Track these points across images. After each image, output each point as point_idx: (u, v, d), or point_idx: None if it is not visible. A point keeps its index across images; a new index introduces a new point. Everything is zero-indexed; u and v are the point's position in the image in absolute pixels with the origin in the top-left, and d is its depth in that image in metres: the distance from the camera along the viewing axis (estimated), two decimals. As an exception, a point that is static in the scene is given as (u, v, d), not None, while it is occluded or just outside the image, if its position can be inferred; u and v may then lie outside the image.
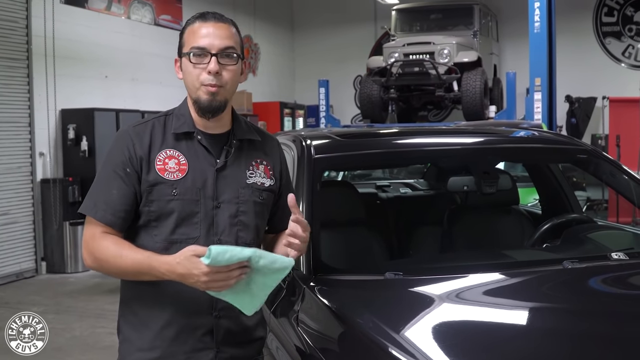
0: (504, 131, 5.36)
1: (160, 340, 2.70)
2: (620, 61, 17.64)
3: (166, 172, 2.67)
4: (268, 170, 2.86)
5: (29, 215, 11.15)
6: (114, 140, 2.77)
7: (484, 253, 4.15)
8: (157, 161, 2.68)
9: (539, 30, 11.48)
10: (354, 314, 2.97)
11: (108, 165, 2.73)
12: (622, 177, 4.36)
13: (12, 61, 10.79)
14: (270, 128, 16.20)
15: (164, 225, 2.68)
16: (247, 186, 2.77)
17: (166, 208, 2.67)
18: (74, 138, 11.46)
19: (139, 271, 2.57)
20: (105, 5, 12.98)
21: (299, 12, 21.06)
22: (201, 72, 2.66)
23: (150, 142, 2.71)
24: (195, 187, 2.69)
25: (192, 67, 2.67)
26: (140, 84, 13.60)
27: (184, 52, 2.70)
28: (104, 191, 2.69)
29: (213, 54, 2.65)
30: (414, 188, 6.83)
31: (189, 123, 2.75)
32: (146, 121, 2.79)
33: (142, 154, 2.68)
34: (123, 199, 2.66)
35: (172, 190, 2.66)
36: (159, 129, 2.75)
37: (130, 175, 2.67)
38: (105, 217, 2.65)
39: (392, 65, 14.88)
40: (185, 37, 2.72)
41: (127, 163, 2.67)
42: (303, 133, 4.40)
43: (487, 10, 16.90)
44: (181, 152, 2.72)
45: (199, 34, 2.68)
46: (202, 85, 2.66)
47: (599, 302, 3.17)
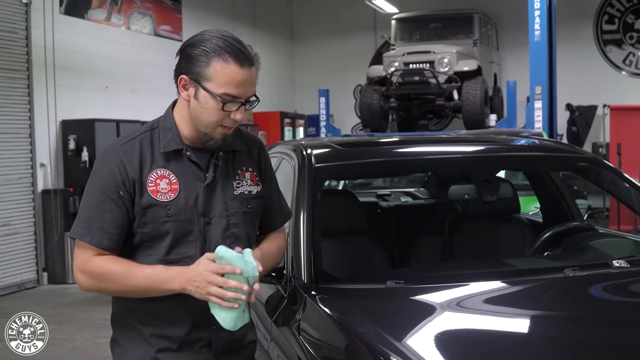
0: (505, 140, 5.36)
1: (160, 353, 2.71)
2: (621, 69, 17.64)
3: (159, 194, 2.65)
4: (254, 176, 2.85)
5: (30, 226, 11.14)
6: (101, 159, 2.73)
7: (485, 261, 4.15)
8: (149, 183, 2.65)
9: (539, 39, 11.49)
10: (355, 322, 2.97)
11: (96, 186, 2.68)
12: (623, 184, 4.35)
13: (12, 72, 10.79)
14: (270, 138, 16.24)
15: (159, 246, 2.67)
16: (235, 197, 2.77)
17: (161, 230, 2.65)
18: (74, 149, 11.44)
19: (149, 287, 2.57)
20: (105, 16, 12.99)
21: (299, 21, 21.07)
22: (226, 116, 2.60)
23: (140, 162, 2.66)
24: (188, 206, 2.67)
25: (218, 109, 2.59)
26: (140, 95, 13.59)
27: (212, 90, 2.57)
28: (96, 215, 2.65)
29: (243, 103, 2.61)
30: (415, 197, 6.83)
31: (177, 139, 2.71)
32: (132, 138, 2.72)
33: (134, 176, 2.64)
34: (117, 222, 2.63)
35: (166, 211, 2.65)
36: (147, 147, 2.70)
37: (123, 198, 2.63)
38: (102, 242, 2.63)
39: (392, 74, 14.88)
40: (215, 71, 2.56)
41: (120, 186, 2.63)
42: (303, 142, 4.40)
43: (487, 19, 16.91)
44: (171, 171, 2.68)
45: (236, 80, 2.57)
46: (221, 126, 2.63)
47: (600, 310, 3.17)
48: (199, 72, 2.59)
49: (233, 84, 2.57)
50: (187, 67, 2.62)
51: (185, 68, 2.63)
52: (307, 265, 3.37)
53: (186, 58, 2.63)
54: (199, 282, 2.49)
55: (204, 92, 2.59)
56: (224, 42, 2.58)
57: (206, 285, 2.48)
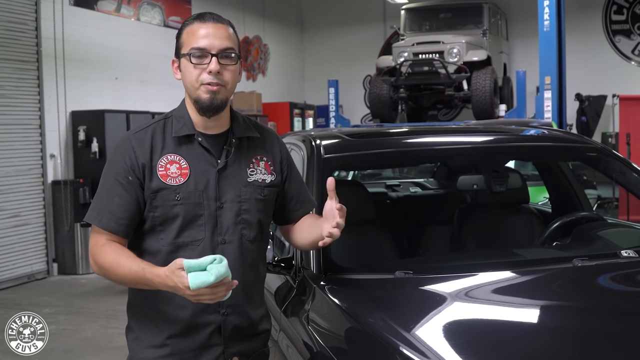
0: (514, 130, 5.35)
1: (170, 339, 2.75)
2: (630, 59, 17.59)
3: (168, 178, 2.70)
4: (269, 166, 2.88)
5: (40, 217, 11.19)
6: (116, 147, 2.81)
7: (494, 251, 4.15)
8: (159, 167, 2.71)
9: (548, 29, 11.47)
10: (364, 312, 2.97)
11: (109, 172, 2.76)
12: (632, 175, 4.34)
13: (22, 63, 10.82)
14: (280, 128, 16.21)
15: (170, 229, 2.72)
16: (249, 184, 2.80)
17: (171, 213, 2.70)
18: (84, 140, 11.47)
19: (136, 281, 2.59)
20: (115, 7, 13.00)
21: (309, 12, 21.06)
22: (201, 72, 2.68)
23: (151, 148, 2.73)
24: (198, 190, 2.71)
25: (192, 67, 2.69)
26: (150, 86, 13.59)
27: (183, 52, 2.72)
28: (106, 199, 2.73)
29: (213, 54, 2.67)
30: (424, 187, 6.83)
31: (189, 125, 2.78)
32: (146, 126, 2.81)
33: (145, 160, 2.71)
34: (125, 206, 2.69)
35: (175, 195, 2.69)
36: (159, 134, 2.77)
37: (132, 182, 2.70)
38: (109, 225, 2.69)
39: (401, 64, 14.88)
40: (184, 38, 2.73)
41: (129, 171, 2.70)
42: (313, 133, 4.40)
43: (496, 9, 16.88)
44: (182, 156, 2.74)
45: (199, 34, 2.69)
46: (202, 84, 2.69)
47: (608, 300, 3.17)
48: (177, 47, 2.77)
49: (197, 37, 2.69)
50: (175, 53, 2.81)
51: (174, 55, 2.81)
52: (316, 255, 3.38)
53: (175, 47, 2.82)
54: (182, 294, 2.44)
55: (182, 60, 2.74)
56: (195, 15, 2.78)
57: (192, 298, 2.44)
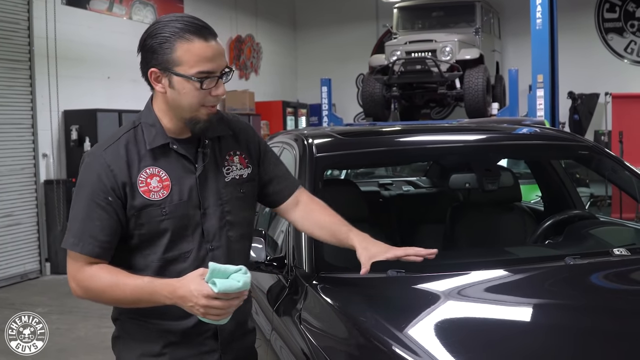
0: (506, 128, 5.35)
1: (167, 347, 2.69)
2: (622, 57, 17.62)
3: (151, 193, 2.57)
4: (243, 159, 2.80)
5: (33, 217, 11.17)
6: (86, 165, 2.63)
7: (487, 250, 4.15)
8: (140, 183, 2.57)
9: (540, 27, 11.50)
10: (356, 312, 2.97)
11: (84, 194, 2.58)
12: (624, 173, 4.35)
13: (14, 63, 10.80)
14: (272, 127, 16.22)
15: (158, 245, 2.61)
16: (227, 184, 2.72)
17: (158, 228, 2.59)
18: (76, 139, 11.46)
19: (139, 299, 2.49)
20: (107, 6, 12.98)
21: (301, 11, 21.04)
22: (206, 95, 2.55)
23: (127, 163, 2.58)
24: (182, 201, 2.61)
25: (194, 89, 2.52)
26: (142, 85, 13.16)
27: (187, 73, 2.51)
28: (85, 223, 2.55)
29: (219, 76, 2.56)
30: (417, 186, 6.82)
31: (161, 134, 2.63)
32: (116, 140, 2.63)
33: (124, 178, 2.56)
34: (107, 229, 2.55)
35: (162, 210, 2.58)
36: (132, 146, 2.62)
37: (112, 203, 2.54)
38: (94, 250, 2.54)
39: (394, 63, 14.88)
40: (180, 54, 2.51)
41: (109, 191, 2.55)
42: (305, 132, 4.40)
43: (488, 8, 16.89)
44: (161, 168, 2.61)
45: (206, 56, 2.51)
46: (203, 106, 2.57)
47: (601, 298, 3.17)
48: (167, 60, 2.54)
49: (204, 60, 2.51)
50: (153, 58, 2.58)
51: (152, 60, 2.58)
52: (308, 254, 3.38)
53: (149, 50, 2.59)
54: (193, 304, 2.37)
55: (178, 78, 2.52)
56: (181, 23, 2.53)
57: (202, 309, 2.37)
